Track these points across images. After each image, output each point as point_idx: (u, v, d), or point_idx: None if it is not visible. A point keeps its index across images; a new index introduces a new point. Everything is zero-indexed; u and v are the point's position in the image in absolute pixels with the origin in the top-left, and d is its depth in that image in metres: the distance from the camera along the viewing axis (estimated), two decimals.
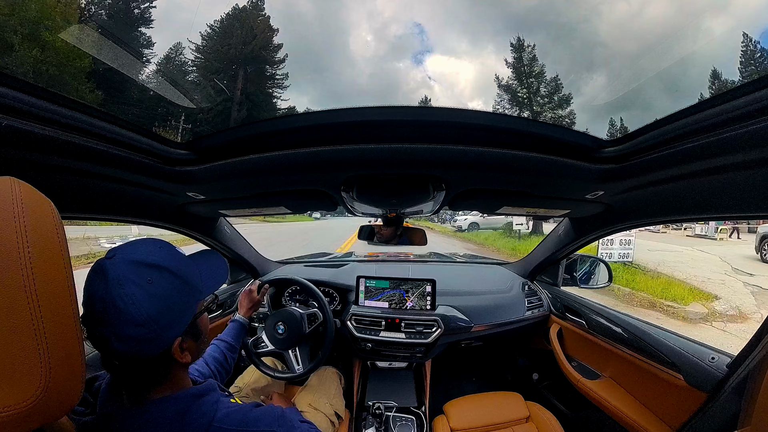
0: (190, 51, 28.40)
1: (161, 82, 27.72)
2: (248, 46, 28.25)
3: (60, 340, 0.41)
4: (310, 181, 1.03)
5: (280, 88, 30.70)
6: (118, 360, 0.56)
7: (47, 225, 0.42)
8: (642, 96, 34.65)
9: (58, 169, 0.71)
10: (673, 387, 1.13)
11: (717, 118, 0.59)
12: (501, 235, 14.69)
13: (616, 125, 28.61)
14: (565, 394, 1.77)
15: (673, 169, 0.76)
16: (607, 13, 55.52)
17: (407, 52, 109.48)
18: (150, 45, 25.98)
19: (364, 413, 1.67)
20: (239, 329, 1.29)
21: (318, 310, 1.56)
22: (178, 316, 0.60)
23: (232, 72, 28.16)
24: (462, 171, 0.91)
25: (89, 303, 0.52)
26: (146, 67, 25.52)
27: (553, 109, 19.39)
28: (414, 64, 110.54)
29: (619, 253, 7.24)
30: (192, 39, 28.42)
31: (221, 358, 1.14)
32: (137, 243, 0.60)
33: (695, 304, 5.38)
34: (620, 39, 51.18)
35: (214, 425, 0.59)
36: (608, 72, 43.05)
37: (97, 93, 18.20)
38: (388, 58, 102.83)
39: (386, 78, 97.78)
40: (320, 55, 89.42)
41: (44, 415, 0.40)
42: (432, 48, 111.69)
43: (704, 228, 14.72)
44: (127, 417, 0.58)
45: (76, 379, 0.44)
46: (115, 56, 10.31)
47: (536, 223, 12.19)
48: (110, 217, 1.08)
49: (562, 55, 39.70)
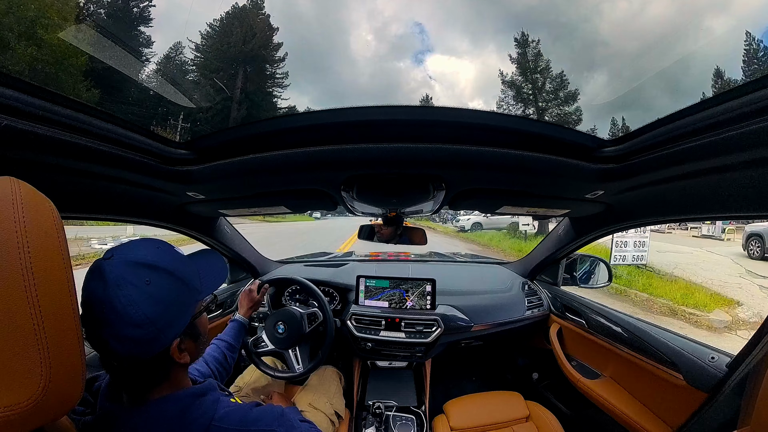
0: (189, 50, 28.38)
1: (161, 82, 27.59)
2: (248, 45, 28.07)
3: (60, 340, 0.41)
4: (310, 180, 1.03)
5: (280, 87, 30.55)
6: (117, 361, 0.56)
7: (47, 225, 0.42)
8: (643, 95, 34.51)
9: (58, 169, 0.71)
10: (672, 386, 1.13)
11: (717, 118, 0.59)
12: (506, 236, 14.31)
13: (618, 124, 28.46)
14: (565, 393, 1.77)
15: (673, 168, 0.76)
16: (608, 12, 55.29)
17: (408, 51, 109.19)
18: (149, 44, 25.85)
19: (364, 412, 1.67)
20: (239, 329, 1.29)
21: (318, 310, 1.55)
22: (177, 316, 0.59)
23: (232, 71, 27.98)
24: (462, 170, 0.91)
25: (87, 304, 0.52)
26: (146, 67, 25.29)
27: (559, 106, 19.09)
28: (415, 64, 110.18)
29: (633, 255, 6.86)
30: (191, 38, 28.39)
31: (221, 358, 1.14)
32: (135, 243, 0.59)
33: (718, 311, 5.14)
34: (621, 38, 51.04)
35: (213, 424, 0.59)
36: (609, 71, 42.88)
37: (93, 91, 18.03)
38: (388, 57, 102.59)
39: (387, 78, 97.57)
40: (321, 55, 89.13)
41: (45, 414, 0.40)
42: (432, 47, 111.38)
43: (711, 228, 14.55)
44: (127, 417, 0.58)
45: (76, 379, 0.44)
46: (113, 55, 10.23)
47: (542, 223, 12.00)
48: (110, 216, 1.08)
49: (563, 54, 39.57)
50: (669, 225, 14.71)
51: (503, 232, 15.33)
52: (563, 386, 1.72)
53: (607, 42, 48.95)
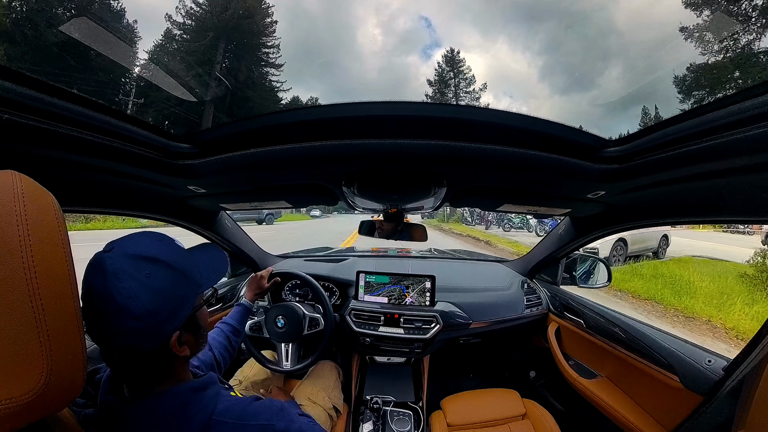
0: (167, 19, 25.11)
1: (129, 52, 24.26)
2: (227, 13, 24.57)
3: (61, 332, 0.41)
4: (312, 175, 1.03)
5: (272, 67, 27.62)
6: (117, 354, 0.56)
7: (48, 218, 0.42)
8: (660, 88, 32.34)
9: (59, 162, 0.71)
10: (668, 388, 1.14)
11: (720, 122, 0.59)
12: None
13: (650, 114, 25.92)
14: (562, 392, 1.78)
15: (675, 171, 0.76)
16: (625, 1, 53.13)
17: (416, 45, 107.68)
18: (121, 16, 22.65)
19: (362, 407, 1.68)
20: (244, 312, 1.30)
21: (321, 317, 1.58)
22: (177, 309, 0.59)
23: (211, 43, 24.73)
24: (463, 168, 0.91)
25: (88, 296, 0.52)
26: (124, 41, 22.27)
27: None
28: (423, 59, 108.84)
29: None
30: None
31: (225, 342, 1.14)
32: (136, 236, 0.59)
33: None
34: (637, 29, 48.75)
35: (213, 418, 0.60)
36: (624, 62, 40.62)
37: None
38: (396, 52, 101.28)
39: (395, 73, 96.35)
40: (328, 52, 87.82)
41: (46, 406, 0.41)
42: (441, 42, 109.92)
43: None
44: (128, 409, 0.58)
45: (77, 371, 0.44)
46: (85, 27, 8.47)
47: None
48: (111, 210, 1.08)
49: (575, 44, 37.87)
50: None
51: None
52: (560, 385, 1.73)
53: (621, 32, 46.81)
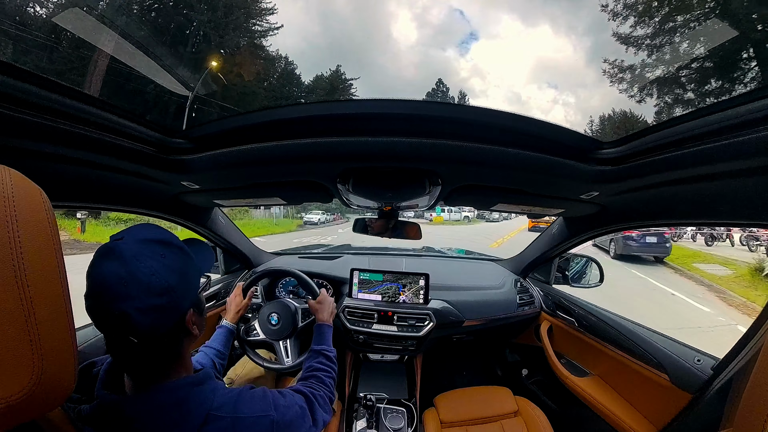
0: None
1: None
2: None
3: (52, 330, 0.40)
4: (306, 172, 1.03)
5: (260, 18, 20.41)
6: (137, 336, 0.55)
7: (38, 213, 0.42)
8: None
9: (50, 156, 0.70)
10: (658, 387, 1.15)
11: (714, 126, 0.60)
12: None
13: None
14: (554, 390, 1.80)
15: (668, 173, 0.76)
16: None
17: (453, 37, 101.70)
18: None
19: (356, 405, 1.68)
20: (227, 336, 1.29)
21: None
22: (190, 286, 0.63)
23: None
24: (458, 167, 0.91)
25: (102, 284, 0.52)
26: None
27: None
28: (460, 52, 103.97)
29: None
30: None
31: (210, 365, 1.14)
32: (141, 226, 0.62)
33: None
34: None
35: (212, 413, 0.60)
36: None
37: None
38: (432, 45, 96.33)
39: (433, 68, 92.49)
40: (361, 51, 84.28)
41: (36, 407, 0.40)
42: (477, 33, 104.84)
43: None
44: (126, 405, 0.58)
45: (69, 369, 0.43)
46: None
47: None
48: (102, 206, 1.06)
49: None
50: None
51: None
52: (552, 383, 1.75)
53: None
